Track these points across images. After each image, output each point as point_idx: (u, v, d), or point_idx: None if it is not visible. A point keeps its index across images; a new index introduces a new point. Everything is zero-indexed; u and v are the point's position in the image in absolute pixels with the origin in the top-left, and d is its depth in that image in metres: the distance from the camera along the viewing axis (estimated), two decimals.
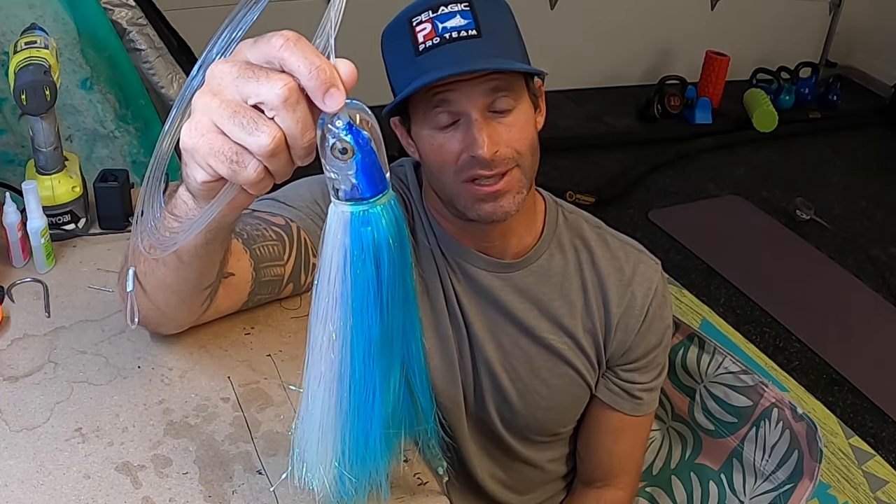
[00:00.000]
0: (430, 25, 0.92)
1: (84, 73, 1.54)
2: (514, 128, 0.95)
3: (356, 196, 0.56)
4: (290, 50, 0.51)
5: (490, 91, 0.92)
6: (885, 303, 2.79)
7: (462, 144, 0.94)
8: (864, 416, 2.29)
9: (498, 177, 0.95)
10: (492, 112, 0.94)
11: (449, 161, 0.96)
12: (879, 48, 4.50)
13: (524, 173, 0.97)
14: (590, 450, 1.17)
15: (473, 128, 0.92)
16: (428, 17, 0.92)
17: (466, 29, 0.92)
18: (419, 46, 0.93)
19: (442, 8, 0.92)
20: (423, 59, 0.92)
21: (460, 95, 0.92)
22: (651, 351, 1.10)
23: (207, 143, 0.55)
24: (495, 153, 0.93)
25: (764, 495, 1.13)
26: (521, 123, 0.96)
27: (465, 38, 0.91)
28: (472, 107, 0.92)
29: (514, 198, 0.97)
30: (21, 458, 0.82)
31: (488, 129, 0.93)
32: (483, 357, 1.07)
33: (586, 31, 3.91)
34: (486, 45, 0.92)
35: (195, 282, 0.83)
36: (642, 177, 3.38)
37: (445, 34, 0.92)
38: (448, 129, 0.95)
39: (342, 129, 0.54)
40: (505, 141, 0.94)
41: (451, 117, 0.94)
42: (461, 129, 0.94)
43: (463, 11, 0.92)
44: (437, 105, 0.94)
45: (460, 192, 0.97)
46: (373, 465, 0.70)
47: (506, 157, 0.94)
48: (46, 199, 1.12)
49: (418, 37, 0.93)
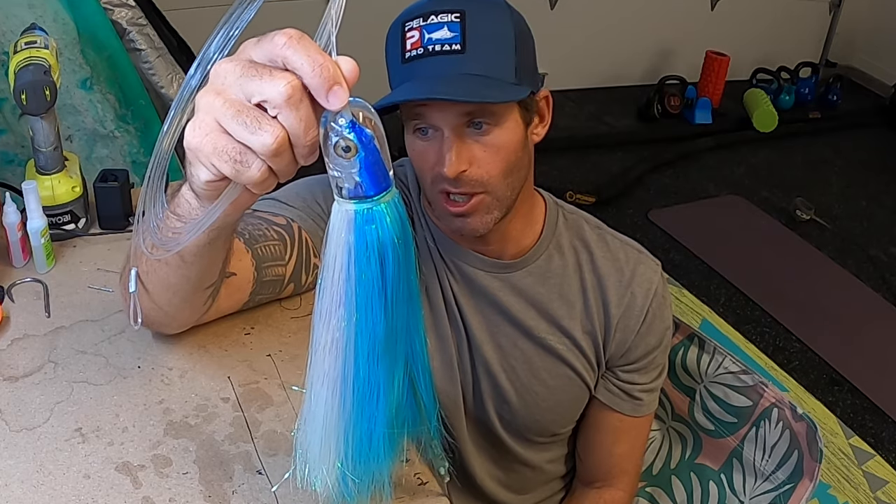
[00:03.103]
0: (417, 34, 0.91)
1: (84, 73, 1.54)
2: (490, 149, 0.93)
3: (360, 194, 0.56)
4: (293, 48, 0.51)
5: (463, 114, 0.91)
6: (885, 303, 2.80)
7: (435, 158, 0.94)
8: (864, 416, 2.29)
9: (466, 196, 0.94)
10: (469, 129, 0.92)
11: (426, 169, 0.96)
12: (879, 48, 4.51)
13: (494, 196, 0.96)
14: (589, 450, 1.18)
15: (444, 145, 0.92)
16: (418, 25, 0.91)
17: (451, 43, 0.89)
18: (405, 54, 0.92)
19: (432, 17, 0.90)
20: (407, 67, 0.92)
21: (433, 112, 0.91)
22: (651, 352, 1.10)
23: (211, 143, 0.55)
24: (462, 172, 0.92)
25: (764, 495, 1.13)
26: (497, 145, 0.93)
27: (447, 52, 0.90)
28: (445, 124, 0.92)
29: (481, 218, 0.96)
30: (21, 458, 0.82)
31: (459, 146, 0.91)
32: (482, 357, 1.07)
33: (586, 31, 3.91)
34: (469, 63, 0.89)
35: (197, 281, 0.83)
36: (642, 177, 3.38)
37: (429, 46, 0.90)
38: (426, 139, 0.94)
39: (345, 126, 0.53)
40: (478, 162, 0.93)
41: (428, 128, 0.94)
42: (436, 143, 0.93)
43: (451, 23, 0.89)
44: (415, 117, 0.94)
45: (436, 202, 0.98)
46: (376, 466, 0.69)
47: (473, 179, 0.93)
48: (46, 199, 1.12)
49: (406, 44, 0.92)
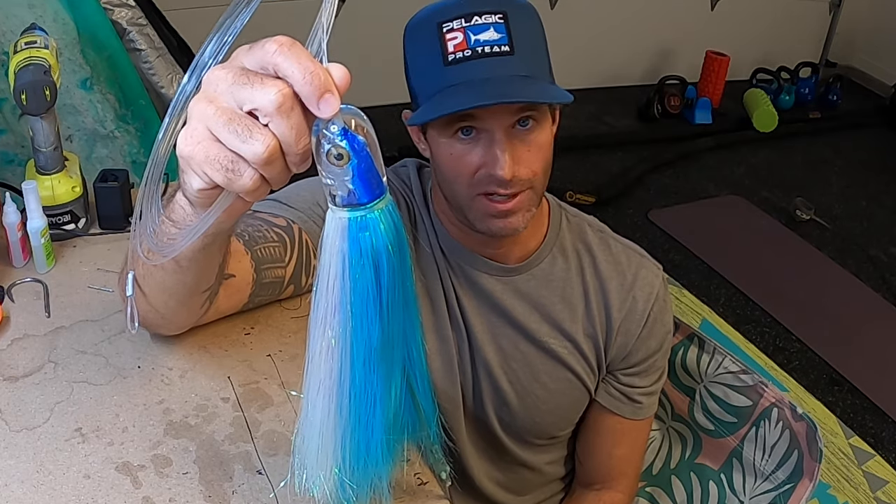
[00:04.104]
0: (461, 35, 0.89)
1: (84, 73, 1.54)
2: (533, 147, 0.93)
3: (353, 202, 0.56)
4: (284, 55, 0.51)
5: (516, 111, 0.91)
6: (885, 303, 2.80)
7: (482, 160, 0.92)
8: (864, 416, 2.29)
9: (511, 196, 0.94)
10: (515, 128, 0.92)
11: (465, 173, 0.94)
12: (879, 48, 4.51)
13: (535, 193, 0.96)
14: (589, 452, 1.17)
15: (496, 147, 0.91)
16: (461, 26, 0.89)
17: (500, 44, 0.89)
18: (449, 56, 0.90)
19: (476, 18, 0.89)
20: (453, 69, 0.90)
21: (487, 114, 0.90)
22: (651, 355, 1.10)
23: (203, 152, 0.54)
24: (515, 174, 0.92)
25: (764, 495, 1.13)
26: (540, 142, 0.94)
27: (497, 53, 0.89)
28: (498, 126, 0.91)
29: (523, 216, 0.96)
30: (21, 458, 0.82)
31: (510, 148, 0.91)
32: (482, 359, 1.07)
33: (586, 31, 3.90)
34: (518, 64, 0.89)
35: (193, 285, 0.83)
36: (642, 177, 3.38)
37: (478, 48, 0.89)
38: (468, 141, 0.93)
39: (337, 134, 0.53)
40: (525, 161, 0.93)
41: (473, 129, 0.92)
42: (482, 144, 0.92)
43: (497, 24, 0.89)
44: (461, 118, 0.91)
45: (472, 205, 0.96)
46: (374, 472, 0.69)
47: (523, 179, 0.93)
48: (46, 199, 1.12)
49: (448, 45, 0.89)
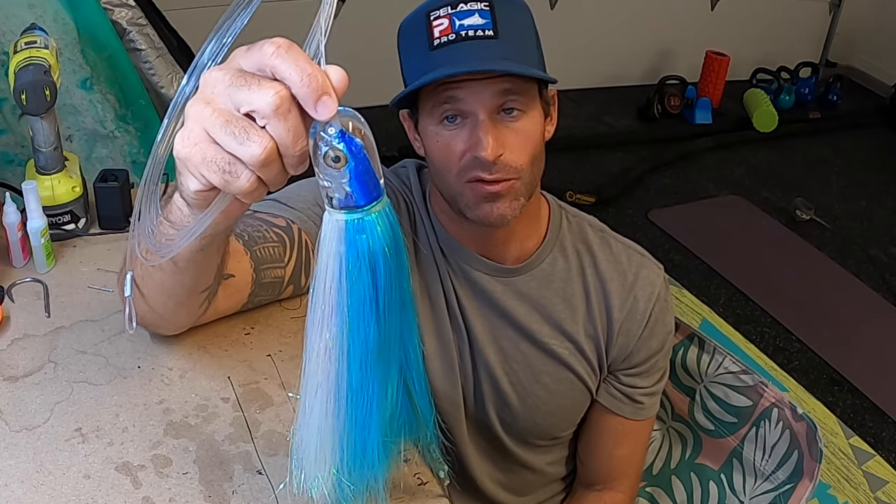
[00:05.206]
0: (447, 21, 0.91)
1: (84, 73, 1.54)
2: (520, 135, 0.94)
3: (350, 204, 0.56)
4: (282, 57, 0.51)
5: (500, 93, 0.91)
6: (885, 303, 2.79)
7: (466, 144, 0.93)
8: (864, 416, 2.29)
9: (497, 181, 0.94)
10: (500, 114, 0.93)
11: (453, 159, 0.95)
12: (879, 48, 4.50)
13: (524, 184, 0.96)
14: (590, 453, 1.17)
15: (479, 129, 0.91)
16: (446, 13, 0.92)
17: (483, 28, 0.91)
18: (434, 41, 0.92)
19: (461, 5, 0.91)
20: (437, 53, 0.91)
21: (469, 94, 0.91)
22: (653, 356, 1.10)
23: (200, 153, 0.54)
24: (498, 156, 0.92)
25: (764, 495, 1.13)
26: (527, 130, 0.94)
27: (480, 37, 0.91)
28: (481, 107, 0.92)
29: (510, 203, 0.96)
30: (21, 458, 0.82)
31: (494, 131, 0.92)
32: (483, 360, 1.07)
33: (586, 31, 3.90)
34: (502, 47, 0.91)
35: (191, 286, 0.83)
36: (642, 177, 3.38)
37: (462, 31, 0.91)
38: (454, 128, 0.94)
39: (334, 136, 0.53)
40: (510, 146, 0.93)
41: (458, 115, 0.93)
42: (467, 129, 0.93)
43: (482, 11, 0.91)
44: (445, 101, 0.93)
45: (462, 192, 0.97)
46: (371, 473, 0.69)
47: (507, 164, 0.93)
48: (46, 199, 1.12)
49: (434, 31, 0.92)
